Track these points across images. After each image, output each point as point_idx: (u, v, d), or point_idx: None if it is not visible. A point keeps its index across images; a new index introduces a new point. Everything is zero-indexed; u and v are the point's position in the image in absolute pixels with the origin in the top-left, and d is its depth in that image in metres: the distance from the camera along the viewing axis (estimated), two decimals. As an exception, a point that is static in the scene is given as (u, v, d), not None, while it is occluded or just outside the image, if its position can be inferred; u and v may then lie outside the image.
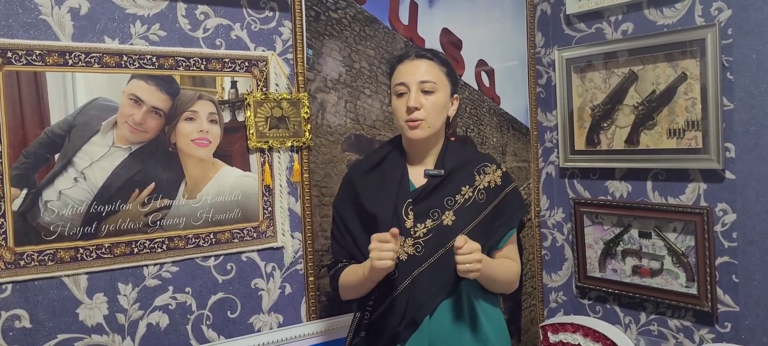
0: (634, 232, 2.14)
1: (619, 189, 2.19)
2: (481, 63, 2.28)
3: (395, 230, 1.31)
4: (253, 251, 1.82)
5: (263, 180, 1.82)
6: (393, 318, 1.41)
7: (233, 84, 1.78)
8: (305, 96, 1.85)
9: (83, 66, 1.55)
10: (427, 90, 1.42)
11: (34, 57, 1.50)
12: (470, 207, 1.45)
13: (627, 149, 2.12)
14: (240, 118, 1.79)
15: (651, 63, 2.03)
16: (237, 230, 1.78)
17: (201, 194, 1.72)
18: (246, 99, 1.78)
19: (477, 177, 1.49)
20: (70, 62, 1.54)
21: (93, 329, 1.59)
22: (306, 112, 1.85)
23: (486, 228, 1.46)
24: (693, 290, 1.98)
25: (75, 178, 1.55)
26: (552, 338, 2.28)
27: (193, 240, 1.72)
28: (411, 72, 1.43)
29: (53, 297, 1.54)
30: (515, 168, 2.37)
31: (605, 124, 2.18)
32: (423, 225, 1.42)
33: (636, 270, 2.14)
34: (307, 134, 1.86)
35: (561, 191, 2.40)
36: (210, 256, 1.75)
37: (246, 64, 1.79)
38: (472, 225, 1.44)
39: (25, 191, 1.49)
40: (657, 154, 2.03)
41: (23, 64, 1.48)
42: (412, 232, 1.41)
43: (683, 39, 1.92)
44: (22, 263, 1.49)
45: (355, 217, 1.50)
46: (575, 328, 2.22)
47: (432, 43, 2.13)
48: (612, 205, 2.18)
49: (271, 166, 1.84)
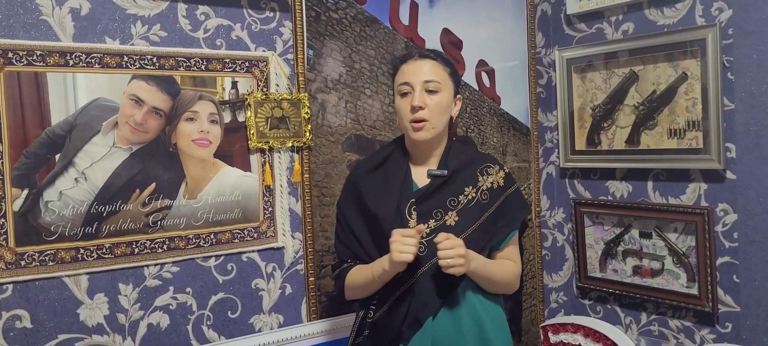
0: (635, 232, 2.13)
1: (620, 189, 2.19)
2: (482, 63, 2.28)
3: (421, 227, 1.35)
4: (254, 252, 1.82)
5: (264, 180, 1.83)
6: (396, 318, 1.41)
7: (234, 84, 1.78)
8: (306, 96, 1.86)
9: (84, 66, 1.55)
10: (431, 90, 1.43)
11: (35, 57, 1.50)
12: (473, 208, 1.45)
13: (627, 149, 2.12)
14: (240, 118, 1.79)
15: (651, 63, 2.03)
16: (237, 231, 1.78)
17: (201, 195, 1.72)
18: (246, 99, 1.78)
19: (480, 178, 1.49)
20: (71, 63, 1.54)
21: (94, 330, 1.59)
22: (306, 112, 1.85)
23: (488, 229, 1.46)
24: (694, 291, 1.97)
25: (76, 178, 1.55)
26: (552, 339, 2.28)
27: (194, 240, 1.72)
28: (415, 72, 1.44)
29: (54, 297, 1.54)
30: (516, 168, 2.37)
31: (606, 124, 2.18)
32: (426, 225, 1.42)
33: (637, 270, 2.14)
34: (308, 134, 1.86)
35: (561, 191, 2.40)
36: (210, 256, 1.75)
37: (246, 64, 1.79)
38: (475, 226, 1.44)
39: (26, 192, 1.49)
40: (658, 154, 2.03)
41: (24, 64, 1.48)
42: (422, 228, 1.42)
43: (684, 39, 1.92)
44: (23, 264, 1.49)
45: (359, 217, 1.50)
46: (576, 328, 2.22)
47: (432, 43, 2.13)
48: (613, 205, 2.18)
49: (272, 166, 1.84)
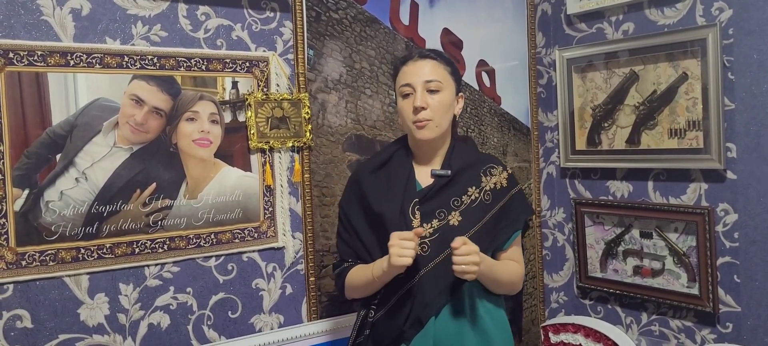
0: (636, 232, 2.13)
1: (620, 189, 2.19)
2: (482, 63, 2.28)
3: (420, 230, 1.34)
4: (254, 251, 1.82)
5: (264, 180, 1.83)
6: (398, 318, 1.42)
7: (234, 84, 1.78)
8: (306, 96, 1.86)
9: (85, 66, 1.56)
10: (433, 89, 1.43)
11: (36, 58, 1.50)
12: (476, 208, 1.46)
13: (628, 149, 2.12)
14: (241, 118, 1.79)
15: (652, 63, 2.03)
16: (238, 230, 1.78)
17: (202, 194, 1.72)
18: (247, 99, 1.78)
19: (483, 178, 1.49)
20: (72, 63, 1.54)
21: (94, 329, 1.59)
22: (307, 112, 1.85)
23: (491, 229, 1.46)
24: (694, 291, 1.97)
25: (76, 178, 1.55)
26: (553, 339, 2.28)
27: (194, 240, 1.72)
28: (416, 72, 1.44)
29: (54, 297, 1.54)
30: (516, 168, 2.37)
31: (606, 124, 2.18)
32: (429, 225, 1.42)
33: (637, 270, 2.14)
34: (308, 134, 1.86)
35: (562, 191, 2.40)
36: (211, 256, 1.75)
37: (247, 64, 1.79)
38: (478, 226, 1.44)
39: (27, 192, 1.49)
40: (658, 154, 2.03)
41: (25, 64, 1.49)
42: (422, 230, 1.42)
43: (684, 39, 1.92)
44: (24, 264, 1.49)
45: (362, 216, 1.50)
46: (576, 328, 2.22)
47: (433, 43, 2.13)
48: (613, 205, 2.18)
49: (272, 166, 1.84)
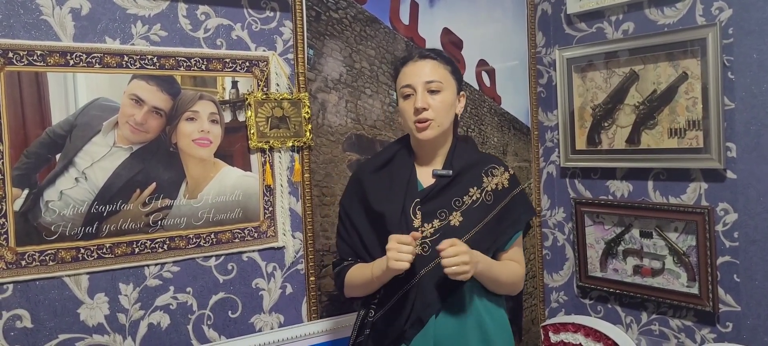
0: (636, 232, 2.13)
1: (620, 189, 2.19)
2: (482, 63, 2.28)
3: (417, 234, 1.34)
4: (254, 251, 1.82)
5: (264, 180, 1.83)
6: (399, 317, 1.41)
7: (234, 84, 1.78)
8: (306, 96, 1.86)
9: (84, 66, 1.56)
10: (434, 90, 1.43)
11: (36, 57, 1.50)
12: (477, 208, 1.45)
13: (628, 149, 2.12)
14: (241, 118, 1.79)
15: (652, 62, 2.03)
16: (238, 230, 1.78)
17: (202, 194, 1.72)
18: (247, 99, 1.78)
19: (485, 179, 1.49)
20: (72, 62, 1.54)
21: (94, 329, 1.59)
22: (307, 112, 1.85)
23: (493, 230, 1.46)
24: (694, 290, 1.97)
25: (76, 178, 1.55)
26: (553, 338, 2.28)
27: (194, 240, 1.72)
28: (416, 73, 1.44)
29: (54, 297, 1.54)
30: (516, 168, 2.37)
31: (606, 123, 2.18)
32: (430, 225, 1.42)
33: (637, 270, 2.14)
34: (308, 134, 1.86)
35: (562, 191, 2.40)
36: (211, 256, 1.75)
37: (247, 64, 1.79)
38: (479, 226, 1.44)
39: (27, 191, 1.49)
40: (658, 153, 2.03)
41: (24, 64, 1.48)
42: (420, 231, 1.42)
43: (684, 38, 1.92)
44: (24, 263, 1.49)
45: (363, 216, 1.50)
46: (576, 328, 2.22)
47: (433, 43, 2.13)
48: (613, 204, 2.18)
49: (272, 166, 1.84)
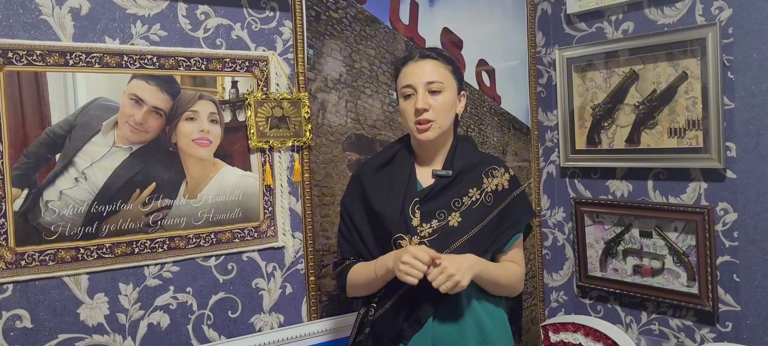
0: (635, 231, 2.13)
1: (620, 188, 2.19)
2: (482, 63, 2.28)
3: (437, 255, 1.32)
4: (254, 251, 1.82)
5: (264, 180, 1.83)
6: (397, 317, 1.42)
7: (234, 84, 1.78)
8: (306, 96, 1.85)
9: (84, 66, 1.55)
10: (434, 90, 1.42)
11: (35, 57, 1.50)
12: (477, 209, 1.45)
13: (628, 149, 2.12)
14: (241, 118, 1.79)
15: (652, 62, 2.03)
16: (238, 230, 1.78)
17: (202, 194, 1.72)
18: (247, 99, 1.78)
19: (485, 179, 1.49)
20: (71, 62, 1.54)
21: (94, 329, 1.59)
22: (306, 111, 1.85)
23: (492, 231, 1.46)
24: (694, 290, 1.97)
25: (76, 178, 1.55)
26: (553, 338, 2.28)
27: (194, 240, 1.72)
28: (417, 73, 1.43)
29: (54, 297, 1.54)
30: (516, 168, 2.37)
31: (606, 123, 2.18)
32: (429, 225, 1.42)
33: (637, 270, 2.14)
34: (308, 134, 1.86)
35: (562, 191, 2.40)
36: (211, 256, 1.75)
37: (247, 64, 1.79)
38: (478, 227, 1.44)
39: (26, 191, 1.49)
40: (658, 153, 2.03)
41: (24, 64, 1.48)
42: (418, 231, 1.42)
43: (684, 38, 1.92)
44: (23, 263, 1.49)
45: (363, 215, 1.50)
46: (576, 327, 2.22)
47: (433, 42, 2.13)
48: (613, 204, 2.18)
49: (272, 166, 1.84)
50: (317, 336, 1.85)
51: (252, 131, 1.78)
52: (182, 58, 1.69)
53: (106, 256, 1.59)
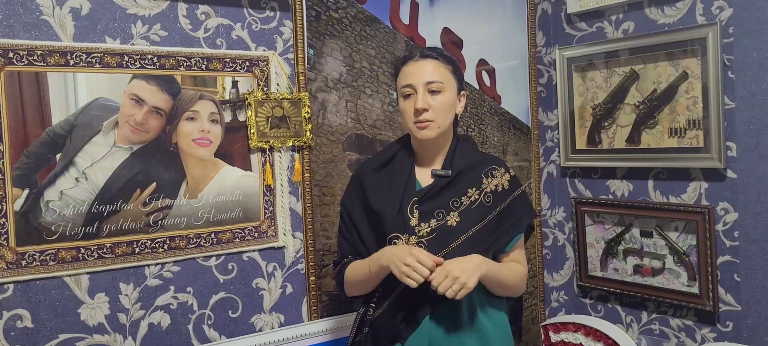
0: (636, 231, 2.13)
1: (621, 188, 2.18)
2: (482, 62, 2.28)
3: (441, 260, 1.33)
4: (255, 251, 1.82)
5: (264, 180, 1.83)
6: (394, 316, 1.42)
7: (234, 84, 1.78)
8: (306, 96, 1.86)
9: (84, 66, 1.56)
10: (434, 90, 1.42)
11: (36, 57, 1.50)
12: (476, 209, 1.45)
13: (628, 148, 2.12)
14: (241, 117, 1.79)
15: (652, 62, 2.03)
16: (238, 230, 1.78)
17: (202, 194, 1.72)
18: (247, 99, 1.78)
19: (484, 180, 1.48)
20: (72, 62, 1.54)
21: (94, 329, 1.59)
22: (307, 111, 1.85)
23: (492, 231, 1.46)
24: (694, 290, 1.97)
25: (76, 178, 1.55)
26: (553, 338, 2.28)
27: (195, 240, 1.72)
28: (417, 73, 1.43)
29: (55, 297, 1.54)
30: (516, 167, 2.37)
31: (606, 123, 2.18)
32: (427, 224, 1.42)
33: (637, 269, 2.14)
34: (308, 134, 1.86)
35: (562, 191, 2.40)
36: (211, 256, 1.75)
37: (247, 64, 1.79)
38: (477, 227, 1.43)
39: (27, 191, 1.49)
40: (658, 153, 2.03)
41: (25, 64, 1.48)
42: (416, 231, 1.42)
43: (684, 38, 1.92)
44: (24, 263, 1.49)
45: (362, 214, 1.50)
46: (577, 327, 2.22)
47: (433, 42, 2.13)
48: (613, 204, 2.18)
49: (272, 165, 1.84)
50: (318, 336, 1.86)
51: (252, 131, 1.78)
52: (183, 58, 1.69)
53: (107, 256, 1.59)
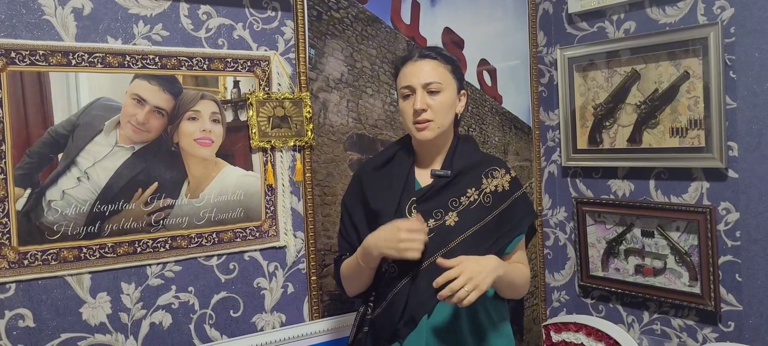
0: (637, 231, 2.13)
1: (622, 188, 2.18)
2: (483, 62, 2.28)
3: (420, 217, 1.35)
4: (256, 251, 1.82)
5: (266, 179, 1.83)
6: (393, 315, 1.42)
7: (236, 84, 1.78)
8: (307, 95, 1.86)
9: (86, 66, 1.56)
10: (433, 90, 1.42)
11: (38, 57, 1.50)
12: (475, 210, 1.45)
13: (629, 148, 2.12)
14: (242, 117, 1.79)
15: (653, 62, 2.03)
16: (239, 230, 1.79)
17: (203, 194, 1.72)
18: (248, 99, 1.78)
19: (484, 180, 1.48)
20: (74, 62, 1.54)
21: (96, 329, 1.59)
22: (308, 111, 1.85)
23: (492, 232, 1.45)
24: (696, 289, 1.97)
25: (78, 177, 1.55)
26: (555, 338, 2.28)
27: (196, 239, 1.72)
28: (416, 73, 1.43)
29: (57, 296, 1.54)
30: (517, 167, 2.37)
31: (607, 123, 2.18)
32: (426, 225, 1.42)
33: (639, 269, 2.14)
34: (310, 134, 1.86)
35: (563, 190, 2.40)
36: (213, 255, 1.76)
37: (248, 63, 1.80)
38: (476, 228, 1.43)
39: (29, 191, 1.50)
40: (659, 153, 2.03)
41: (27, 64, 1.49)
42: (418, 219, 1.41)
43: (686, 37, 1.92)
44: (26, 263, 1.50)
45: (362, 213, 1.50)
46: (578, 327, 2.22)
47: (434, 42, 2.13)
48: (614, 204, 2.18)
49: (274, 165, 1.84)
50: (319, 336, 1.86)
51: (254, 131, 1.78)
52: (184, 58, 1.69)
53: (109, 255, 1.59)
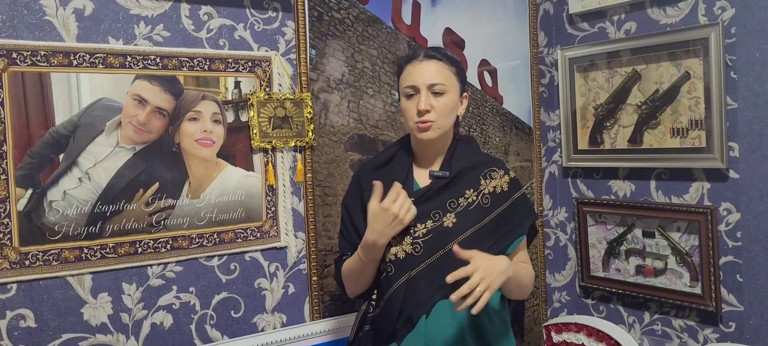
0: (638, 231, 2.13)
1: (623, 188, 2.18)
2: (484, 63, 2.28)
3: (398, 185, 1.38)
4: (257, 251, 1.83)
5: (266, 180, 1.83)
6: (391, 316, 1.42)
7: (237, 84, 1.78)
8: (308, 96, 1.86)
9: (88, 66, 1.56)
10: (437, 92, 1.41)
11: (39, 58, 1.50)
12: (473, 211, 1.44)
13: (630, 149, 2.12)
14: (243, 118, 1.79)
15: (654, 62, 2.03)
16: (240, 230, 1.79)
17: (204, 194, 1.73)
18: (249, 99, 1.78)
19: (483, 181, 1.48)
20: (75, 63, 1.54)
21: (97, 329, 1.59)
22: (309, 112, 1.86)
23: (491, 233, 1.44)
24: (697, 290, 1.97)
25: (79, 178, 1.55)
26: (555, 338, 2.28)
27: (197, 240, 1.72)
28: (420, 73, 1.42)
29: (58, 297, 1.54)
30: (518, 168, 2.37)
31: (608, 123, 2.18)
32: (423, 225, 1.42)
33: (640, 270, 2.14)
34: (310, 134, 1.86)
35: (564, 191, 2.40)
36: (214, 256, 1.76)
37: (249, 64, 1.80)
38: (473, 229, 1.43)
39: (30, 191, 1.50)
40: (660, 153, 2.03)
41: (28, 64, 1.49)
42: (412, 231, 1.41)
43: (686, 38, 1.92)
44: (27, 263, 1.50)
45: (361, 213, 1.50)
46: (579, 328, 2.22)
47: (435, 42, 2.13)
48: (615, 204, 2.18)
49: (275, 166, 1.85)
50: (319, 336, 1.86)
51: (255, 131, 1.78)
52: (185, 58, 1.69)
53: (110, 256, 1.59)
